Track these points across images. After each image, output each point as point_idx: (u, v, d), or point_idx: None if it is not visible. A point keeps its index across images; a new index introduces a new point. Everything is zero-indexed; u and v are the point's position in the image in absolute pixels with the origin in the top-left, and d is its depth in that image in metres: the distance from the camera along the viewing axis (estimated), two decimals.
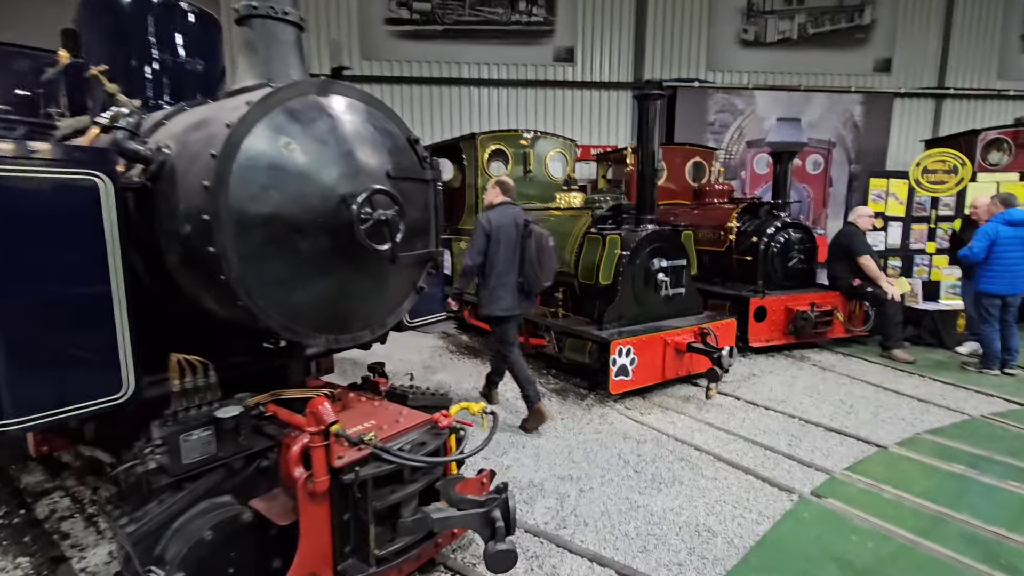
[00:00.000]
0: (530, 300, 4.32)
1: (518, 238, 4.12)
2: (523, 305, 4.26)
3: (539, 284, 4.17)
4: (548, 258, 4.14)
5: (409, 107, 10.17)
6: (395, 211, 2.15)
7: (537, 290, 4.24)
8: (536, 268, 4.09)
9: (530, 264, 4.09)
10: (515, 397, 4.95)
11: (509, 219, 4.15)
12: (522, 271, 4.13)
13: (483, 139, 6.54)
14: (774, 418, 4.45)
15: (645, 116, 5.03)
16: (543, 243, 4.10)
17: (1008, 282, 5.23)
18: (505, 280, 4.11)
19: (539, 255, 4.08)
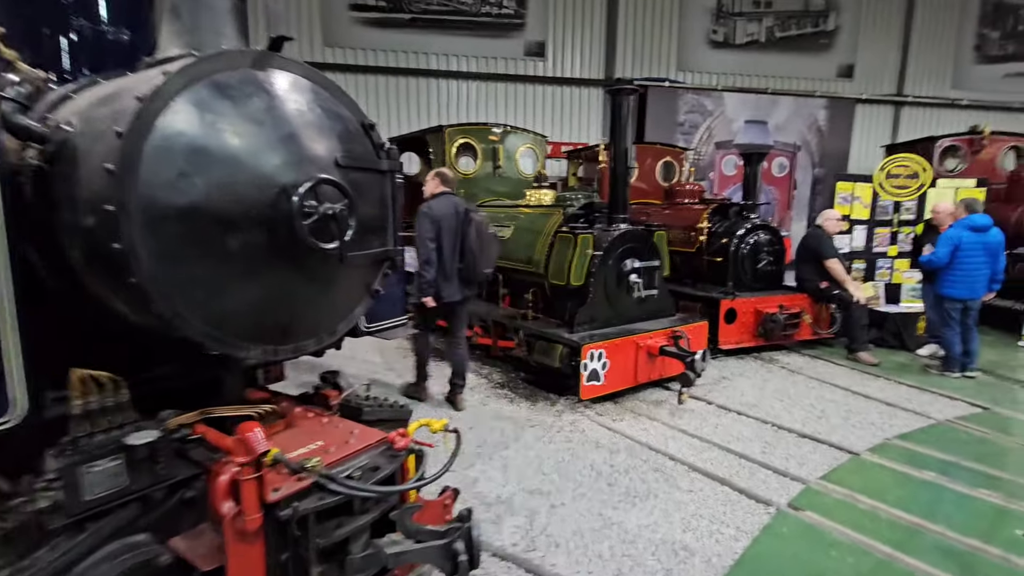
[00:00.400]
0: (471, 288, 4.42)
1: (459, 227, 4.19)
2: (464, 292, 4.34)
3: (480, 271, 4.27)
4: (488, 245, 4.26)
5: (374, 98, 9.77)
6: (344, 204, 1.88)
7: (478, 278, 4.34)
8: (476, 256, 4.19)
9: (471, 252, 4.18)
10: (480, 402, 4.72)
11: (450, 208, 4.21)
12: (463, 259, 4.22)
13: (451, 132, 6.26)
14: (747, 424, 4.35)
15: (618, 112, 4.86)
16: (483, 231, 4.21)
17: (969, 287, 5.31)
18: (448, 268, 4.20)
19: (479, 243, 4.18)
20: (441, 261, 4.18)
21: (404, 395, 4.69)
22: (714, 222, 6.76)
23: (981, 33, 11.73)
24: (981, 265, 5.23)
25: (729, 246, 6.43)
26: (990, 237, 5.21)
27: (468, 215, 4.25)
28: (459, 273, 4.28)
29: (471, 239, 4.20)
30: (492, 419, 4.43)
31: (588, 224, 5.19)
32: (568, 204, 5.25)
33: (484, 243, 4.25)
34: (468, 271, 4.27)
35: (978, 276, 5.26)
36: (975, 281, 5.27)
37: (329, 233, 1.83)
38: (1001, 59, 11.90)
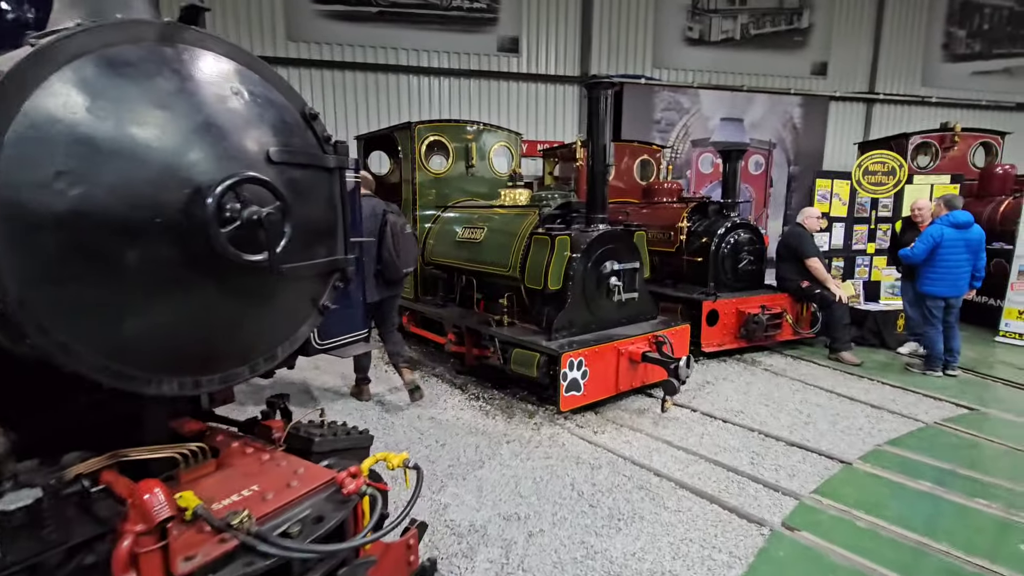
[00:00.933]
0: (390, 288, 4.50)
1: (377, 228, 4.26)
2: (382, 292, 4.44)
3: (397, 271, 4.39)
4: (405, 246, 4.37)
5: (341, 94, 9.38)
6: (276, 207, 1.58)
7: (395, 277, 4.44)
8: (393, 256, 4.28)
9: (388, 252, 4.26)
10: (454, 416, 4.43)
11: (367, 211, 4.21)
12: (380, 259, 4.29)
13: (420, 129, 5.95)
14: (733, 432, 4.16)
15: (596, 107, 4.62)
16: (399, 232, 4.32)
17: (951, 284, 5.23)
18: (368, 270, 4.19)
19: (396, 244, 4.28)
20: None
21: (352, 395, 4.84)
22: (694, 221, 6.59)
23: (949, 31, 11.90)
24: (963, 262, 5.16)
25: (709, 245, 6.26)
26: (972, 234, 5.14)
27: (385, 217, 4.31)
28: (378, 274, 4.35)
29: (388, 241, 4.28)
30: (467, 434, 4.15)
31: (565, 225, 4.95)
32: (544, 204, 5.00)
33: (400, 244, 4.34)
34: (387, 272, 4.36)
35: (960, 273, 5.19)
36: (957, 278, 5.19)
37: (256, 242, 1.53)
38: (968, 57, 12.10)
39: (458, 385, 5.22)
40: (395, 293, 4.64)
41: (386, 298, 4.53)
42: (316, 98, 9.28)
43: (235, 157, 1.56)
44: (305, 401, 4.83)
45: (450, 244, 5.77)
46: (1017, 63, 12.23)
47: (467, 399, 4.87)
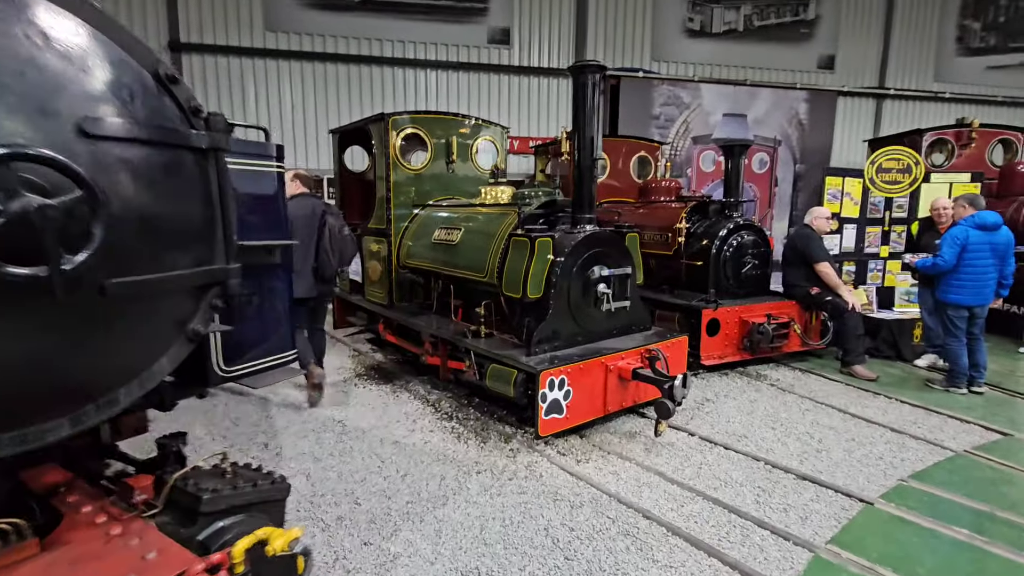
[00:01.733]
0: (326, 284, 4.68)
1: (314, 227, 4.42)
2: (318, 288, 4.59)
3: (333, 268, 4.59)
4: (340, 244, 4.57)
5: (323, 88, 8.91)
6: (76, 199, 1.09)
7: (330, 274, 4.63)
8: (329, 254, 4.48)
9: (324, 251, 4.45)
10: (421, 439, 3.93)
11: (307, 209, 4.43)
12: (317, 257, 4.46)
13: (395, 120, 5.46)
14: (736, 462, 3.66)
15: (582, 94, 4.14)
16: (335, 232, 4.53)
17: (977, 292, 4.73)
18: (302, 266, 4.37)
19: (332, 243, 4.48)
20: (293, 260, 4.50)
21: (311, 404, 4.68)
22: (693, 222, 6.09)
23: (963, 25, 11.38)
24: (989, 268, 4.66)
25: (710, 248, 5.76)
26: (999, 237, 4.64)
27: (324, 217, 4.49)
28: (313, 271, 4.50)
29: (324, 239, 4.45)
30: (433, 461, 3.66)
31: (549, 226, 4.46)
32: (525, 203, 4.51)
33: (337, 244, 4.54)
34: (323, 269, 4.52)
35: (987, 280, 4.68)
36: (984, 286, 4.69)
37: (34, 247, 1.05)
38: (983, 51, 11.57)
39: (431, 402, 4.74)
40: (328, 290, 4.84)
41: (319, 295, 4.70)
42: (296, 92, 8.83)
43: (22, 125, 1.08)
44: (258, 420, 4.35)
45: (426, 246, 5.29)
46: None
47: (439, 418, 4.38)
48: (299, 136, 8.86)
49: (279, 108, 8.76)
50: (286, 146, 9.05)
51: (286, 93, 8.76)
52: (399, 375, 5.47)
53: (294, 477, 3.44)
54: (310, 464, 3.64)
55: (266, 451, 3.83)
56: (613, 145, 7.79)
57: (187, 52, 8.27)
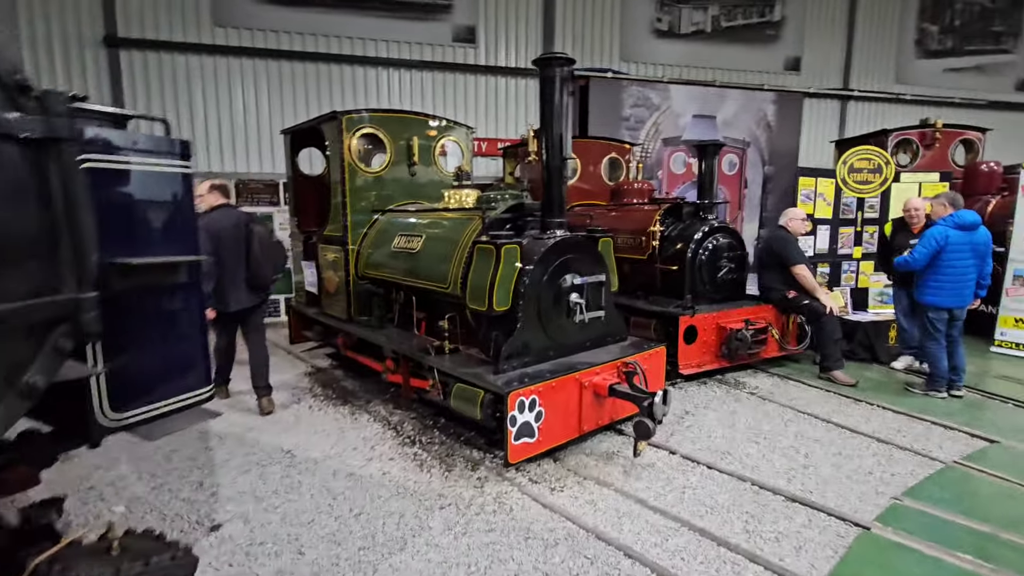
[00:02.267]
0: (257, 294, 4.61)
1: (242, 238, 4.39)
2: (251, 299, 4.56)
3: (266, 278, 4.58)
4: (270, 253, 4.58)
5: (277, 87, 8.40)
6: None
7: (264, 284, 4.60)
8: (259, 264, 4.44)
9: (255, 261, 4.42)
10: (380, 469, 3.54)
11: (231, 221, 4.40)
12: (248, 267, 4.43)
13: (350, 120, 5.07)
14: (721, 484, 3.40)
15: (549, 90, 3.85)
16: (265, 241, 4.53)
17: (956, 293, 4.61)
18: (234, 279, 4.39)
19: (263, 252, 4.46)
20: (223, 273, 4.33)
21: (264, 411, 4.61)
22: (667, 225, 5.87)
23: (921, 27, 11.59)
24: (969, 268, 4.55)
25: (685, 252, 5.55)
26: (978, 236, 4.54)
27: (250, 227, 4.45)
28: (247, 281, 4.47)
29: (255, 249, 4.41)
30: (392, 496, 3.29)
31: (516, 231, 4.15)
32: (490, 207, 4.18)
33: (267, 252, 4.52)
34: (255, 279, 4.49)
35: (966, 281, 4.58)
36: (964, 287, 4.58)
37: None
38: (941, 54, 11.82)
39: (393, 424, 4.35)
40: (262, 300, 4.73)
41: (254, 306, 4.62)
42: (249, 92, 8.31)
43: None
44: (196, 453, 3.89)
45: (386, 255, 4.91)
46: (989, 60, 12.01)
47: (400, 444, 4.00)
48: (252, 140, 8.33)
49: (229, 110, 8.22)
50: (238, 150, 8.52)
51: (237, 94, 8.22)
52: (359, 394, 5.07)
53: (231, 522, 3.03)
54: (250, 505, 3.22)
55: (200, 491, 3.39)
56: (583, 146, 7.54)
57: (126, 48, 7.66)
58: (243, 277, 4.41)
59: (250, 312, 4.60)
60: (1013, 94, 12.35)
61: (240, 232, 4.38)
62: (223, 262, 4.28)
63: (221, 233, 4.28)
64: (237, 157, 8.32)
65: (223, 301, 4.38)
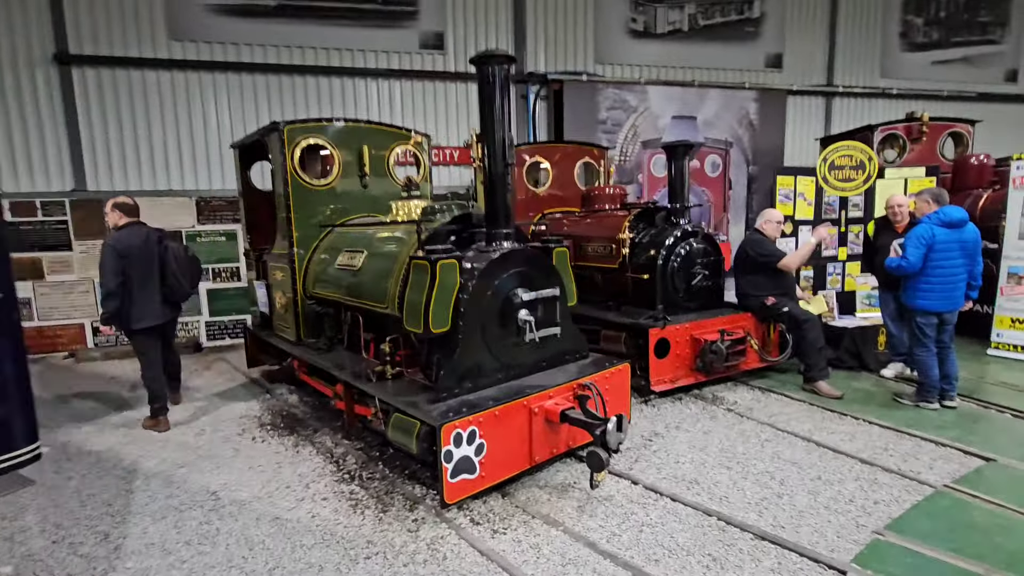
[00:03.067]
0: (173, 309, 4.79)
1: (155, 255, 4.50)
2: (166, 315, 4.68)
3: (184, 293, 4.72)
4: (185, 268, 4.68)
5: (239, 101, 8.14)
6: None
7: (182, 298, 4.77)
8: (179, 278, 4.59)
9: (173, 275, 4.56)
10: (309, 512, 3.18)
11: (140, 239, 4.45)
12: (165, 283, 4.55)
13: (291, 131, 4.78)
14: (683, 519, 3.05)
15: (489, 89, 3.54)
16: (180, 256, 4.65)
17: (946, 296, 4.28)
18: (148, 295, 4.47)
19: (178, 267, 4.59)
20: (133, 291, 4.41)
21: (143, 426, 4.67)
22: (638, 230, 5.56)
23: (906, 20, 11.33)
24: (959, 269, 4.22)
25: (656, 259, 5.22)
26: (967, 234, 4.21)
27: (164, 243, 4.58)
28: (164, 297, 4.58)
29: (171, 264, 4.53)
30: (316, 544, 2.94)
31: (461, 244, 3.83)
32: (426, 219, 3.87)
33: (182, 267, 4.64)
34: (172, 294, 4.63)
35: (957, 282, 4.24)
36: (954, 289, 4.25)
37: None
38: (927, 46, 11.55)
39: (335, 457, 4.01)
40: (178, 315, 4.92)
41: (169, 320, 4.79)
42: (208, 106, 8.04)
43: None
44: (113, 498, 3.54)
45: (332, 273, 4.59)
46: (976, 51, 11.74)
47: (337, 480, 3.65)
48: (213, 156, 8.05)
49: (189, 126, 7.94)
50: (199, 167, 8.25)
51: (196, 109, 7.95)
52: (309, 423, 4.73)
53: None
54: (155, 560, 2.87)
55: (104, 544, 3.04)
56: (555, 151, 7.25)
57: (78, 65, 7.40)
58: (158, 293, 4.54)
59: (166, 326, 4.80)
60: (1002, 85, 12.07)
61: (152, 249, 4.50)
62: (132, 280, 4.39)
63: (129, 251, 4.37)
64: (199, 174, 8.04)
65: (132, 319, 4.45)
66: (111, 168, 7.69)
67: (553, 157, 7.11)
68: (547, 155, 7.10)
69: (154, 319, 4.54)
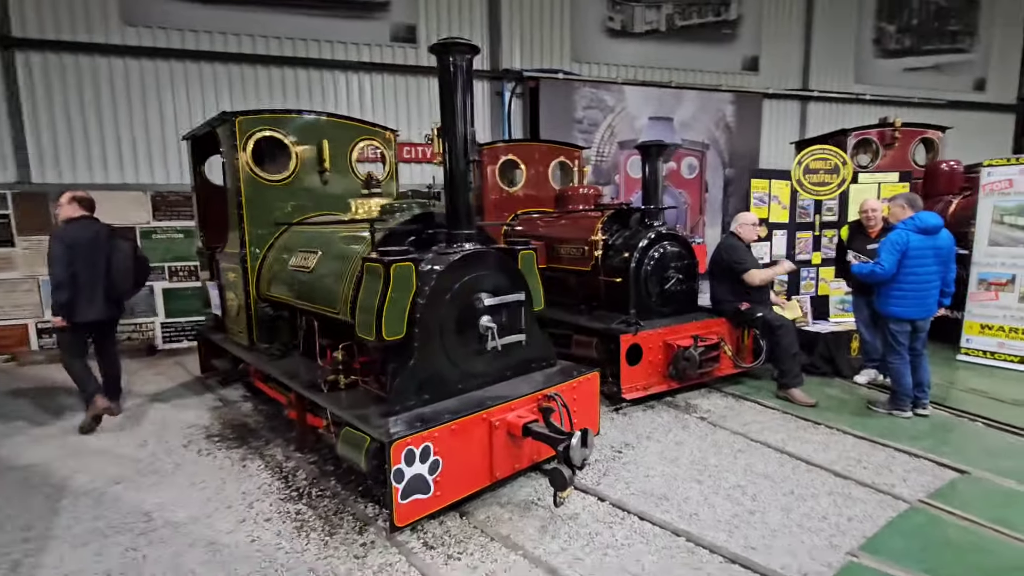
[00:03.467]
0: (116, 307, 4.68)
1: (102, 250, 4.44)
2: (108, 311, 4.56)
3: (127, 289, 4.66)
4: (132, 267, 4.60)
5: (198, 92, 7.73)
6: None
7: (122, 296, 4.68)
8: (123, 274, 4.54)
9: (118, 271, 4.50)
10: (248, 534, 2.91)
11: (90, 233, 4.42)
12: (109, 279, 4.48)
13: (244, 122, 4.48)
14: (651, 540, 2.87)
15: (450, 80, 3.34)
16: (128, 254, 4.58)
17: (920, 303, 4.20)
18: (91, 290, 4.40)
19: (125, 265, 4.53)
20: (78, 284, 4.33)
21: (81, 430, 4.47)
22: (611, 232, 5.39)
23: (879, 26, 11.43)
24: (932, 275, 4.14)
25: (629, 262, 5.06)
26: (941, 240, 4.13)
27: (113, 240, 4.52)
28: (106, 293, 4.48)
29: (117, 261, 4.48)
30: (250, 574, 2.68)
31: (421, 246, 3.60)
32: (381, 218, 3.63)
33: (129, 266, 4.57)
34: (114, 291, 4.53)
35: (930, 289, 4.17)
36: (928, 296, 4.17)
37: None
38: (899, 53, 11.67)
39: (285, 472, 3.74)
40: (118, 313, 4.77)
41: (108, 319, 4.65)
42: (165, 96, 7.62)
43: None
44: (34, 520, 3.22)
45: (285, 273, 4.32)
46: (946, 59, 11.92)
47: (284, 499, 3.39)
48: (171, 149, 7.62)
49: (144, 116, 7.51)
50: (155, 161, 7.82)
51: (152, 99, 7.52)
52: (261, 433, 4.45)
53: None
54: None
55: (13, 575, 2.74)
56: (529, 150, 7.05)
57: (22, 49, 6.93)
58: (102, 288, 4.45)
59: (105, 324, 4.68)
60: (971, 93, 12.28)
61: (100, 245, 4.44)
62: (77, 273, 4.31)
63: (76, 244, 4.31)
64: (154, 168, 7.62)
65: (75, 312, 4.37)
66: (58, 159, 7.23)
67: (528, 156, 6.91)
68: (522, 154, 6.90)
69: (96, 314, 4.45)
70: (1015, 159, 5.91)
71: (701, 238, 9.52)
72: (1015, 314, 5.74)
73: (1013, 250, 5.78)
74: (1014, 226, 5.80)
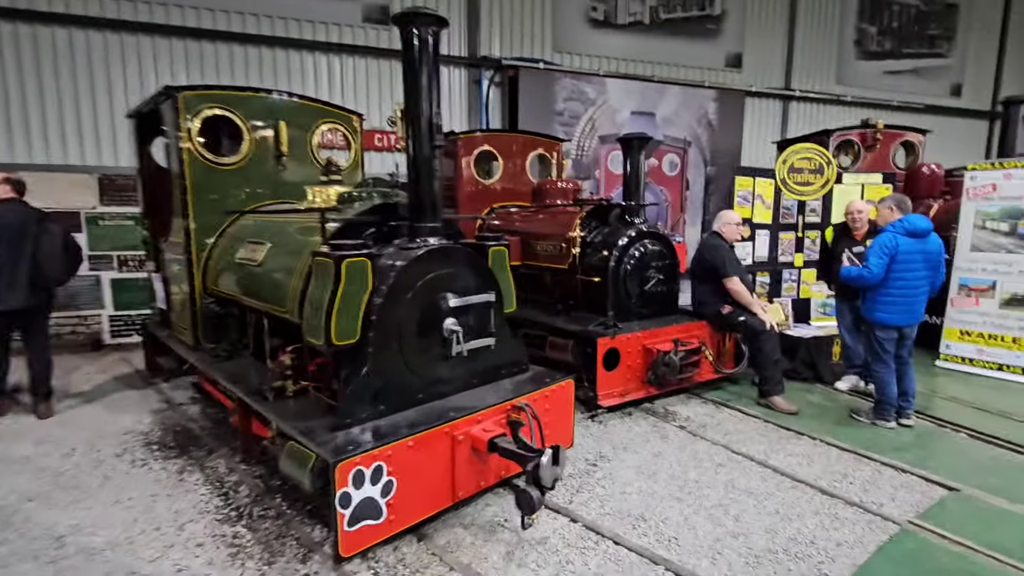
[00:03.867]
0: (44, 293, 4.39)
1: (29, 235, 4.20)
2: (33, 299, 4.29)
3: (53, 279, 4.36)
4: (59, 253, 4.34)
5: (151, 67, 7.18)
6: None
7: (50, 284, 4.39)
8: (49, 261, 4.26)
9: (44, 256, 4.25)
10: (175, 563, 2.57)
11: (15, 217, 4.20)
12: (34, 265, 4.22)
13: (190, 98, 4.05)
14: (626, 568, 2.61)
15: (415, 56, 2.99)
16: (57, 240, 4.33)
17: (907, 309, 4.03)
18: (12, 276, 4.15)
19: (53, 251, 4.28)
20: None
21: None
22: (590, 229, 5.12)
23: (861, 28, 11.41)
24: (922, 281, 3.97)
25: (608, 261, 4.79)
26: (930, 244, 3.96)
27: (43, 224, 4.30)
28: (31, 279, 4.24)
29: (44, 246, 4.25)
30: None
31: (381, 239, 3.27)
32: (335, 208, 3.28)
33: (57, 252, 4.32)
34: (40, 278, 4.28)
35: (919, 295, 4.00)
36: (916, 302, 4.00)
37: None
38: (880, 55, 11.68)
39: (226, 488, 3.37)
40: (44, 301, 4.46)
41: (34, 306, 4.32)
42: (115, 72, 7.07)
43: None
44: None
45: (232, 267, 3.92)
46: (925, 63, 11.99)
47: (221, 519, 3.03)
48: (120, 129, 7.05)
49: (91, 93, 6.93)
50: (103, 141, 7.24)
51: (100, 74, 6.96)
52: (204, 441, 4.05)
53: None
54: None
55: None
56: (506, 141, 6.72)
57: None
58: (25, 275, 4.19)
59: (31, 313, 4.38)
60: (948, 98, 12.39)
61: (27, 229, 4.20)
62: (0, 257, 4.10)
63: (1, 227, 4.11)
64: (102, 149, 7.06)
65: None
66: None
67: (505, 147, 6.59)
68: (499, 145, 6.58)
69: (16, 302, 4.18)
70: (999, 163, 5.83)
71: (681, 237, 9.34)
72: (995, 320, 5.67)
73: (995, 255, 5.70)
74: (996, 231, 5.72)
